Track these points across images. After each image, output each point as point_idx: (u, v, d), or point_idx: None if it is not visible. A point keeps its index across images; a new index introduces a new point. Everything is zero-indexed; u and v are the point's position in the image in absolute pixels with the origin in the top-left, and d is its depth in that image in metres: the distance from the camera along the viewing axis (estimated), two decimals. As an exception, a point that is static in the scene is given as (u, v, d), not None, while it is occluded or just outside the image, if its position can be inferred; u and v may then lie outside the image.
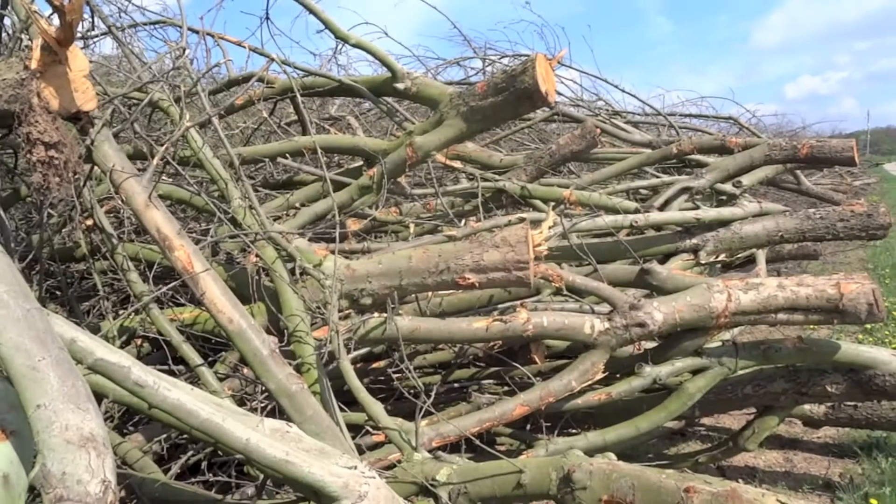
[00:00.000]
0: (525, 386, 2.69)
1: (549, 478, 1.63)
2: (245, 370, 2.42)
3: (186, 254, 1.80)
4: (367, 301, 2.45)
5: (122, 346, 2.61)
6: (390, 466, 1.91)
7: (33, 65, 1.62)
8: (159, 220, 1.81)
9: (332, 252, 2.46)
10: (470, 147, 4.21)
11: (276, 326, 2.43)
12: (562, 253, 3.12)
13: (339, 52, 4.13)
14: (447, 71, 6.76)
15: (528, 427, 2.98)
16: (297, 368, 2.07)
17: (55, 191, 1.60)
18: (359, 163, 3.77)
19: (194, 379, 2.28)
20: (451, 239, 3.03)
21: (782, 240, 3.37)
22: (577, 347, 3.01)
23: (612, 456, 1.69)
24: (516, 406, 2.47)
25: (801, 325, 2.57)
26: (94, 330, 2.58)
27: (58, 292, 3.15)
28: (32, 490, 1.09)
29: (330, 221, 3.22)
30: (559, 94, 6.63)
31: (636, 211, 3.47)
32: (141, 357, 2.73)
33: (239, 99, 3.80)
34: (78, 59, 1.78)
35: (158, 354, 2.53)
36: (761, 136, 6.49)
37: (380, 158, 3.04)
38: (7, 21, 2.45)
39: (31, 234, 3.09)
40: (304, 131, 4.38)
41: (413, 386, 3.12)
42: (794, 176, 6.71)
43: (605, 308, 2.71)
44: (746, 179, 4.33)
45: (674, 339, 2.67)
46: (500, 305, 3.03)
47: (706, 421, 3.68)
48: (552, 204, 3.51)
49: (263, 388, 2.31)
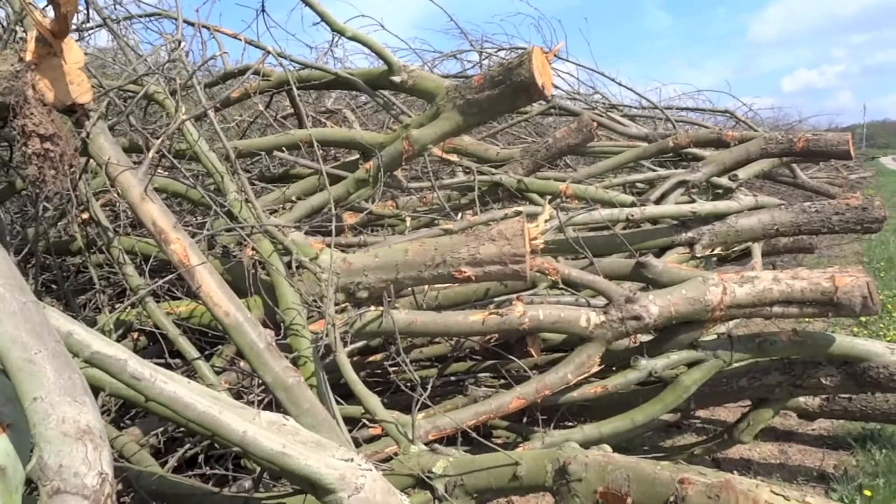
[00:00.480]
0: (521, 379, 2.70)
1: (545, 470, 1.64)
2: (242, 363, 2.42)
3: (182, 247, 1.80)
4: (363, 294, 2.45)
5: (118, 340, 2.61)
6: (387, 459, 1.92)
7: (28, 57, 1.61)
8: (155, 213, 1.81)
9: (329, 245, 2.45)
10: (466, 140, 4.21)
11: (272, 320, 2.44)
12: (558, 246, 3.13)
13: (335, 45, 4.12)
14: (444, 64, 6.74)
15: (525, 420, 2.99)
16: (294, 362, 2.07)
17: (51, 184, 1.59)
18: (355, 156, 3.77)
19: (191, 372, 2.28)
20: (447, 232, 3.03)
21: (778, 233, 3.38)
22: (573, 341, 3.03)
23: (607, 448, 1.70)
24: (513, 399, 2.48)
25: (797, 318, 2.58)
26: (91, 323, 2.58)
27: (54, 286, 3.14)
28: (29, 483, 1.10)
29: (326, 215, 3.23)
30: (556, 87, 6.62)
31: (633, 204, 3.48)
32: (137, 350, 2.73)
33: (235, 92, 3.79)
34: (73, 52, 1.78)
35: (155, 348, 2.53)
36: (757, 130, 6.51)
37: (376, 152, 3.04)
38: (1, 13, 2.44)
39: (27, 228, 3.08)
40: (301, 124, 4.37)
41: (409, 379, 3.13)
42: (791, 169, 6.71)
43: (601, 301, 2.72)
44: (742, 173, 4.34)
45: (669, 332, 2.68)
46: (497, 299, 3.03)
47: (701, 413, 3.69)
48: (548, 197, 3.51)
49: (260, 382, 2.31)
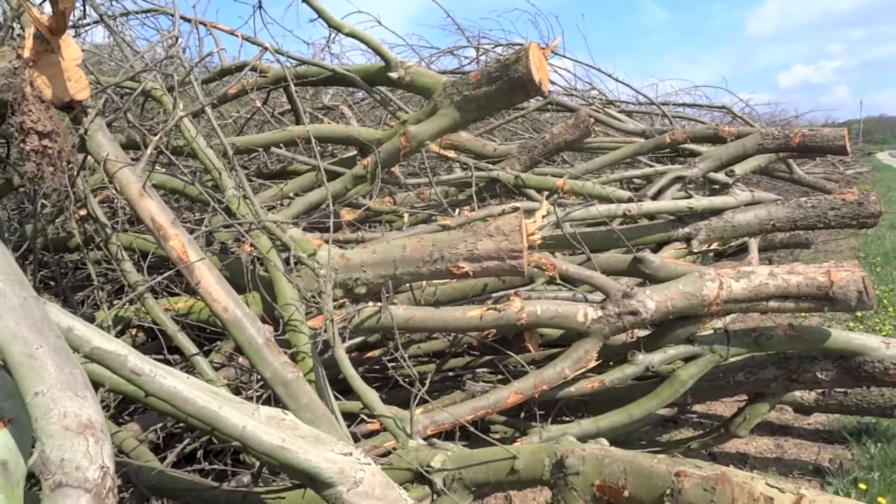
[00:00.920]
0: (519, 374, 2.71)
1: (543, 463, 1.65)
2: (240, 359, 2.42)
3: (181, 243, 1.80)
4: (361, 290, 2.46)
5: (117, 336, 2.61)
6: (385, 454, 1.93)
7: (26, 54, 1.62)
8: (153, 209, 1.81)
9: (327, 241, 2.46)
10: (464, 136, 4.21)
11: (270, 316, 2.44)
12: (555, 242, 3.14)
13: (332, 42, 4.12)
14: (440, 60, 6.76)
15: (522, 415, 3.01)
16: (293, 357, 2.08)
17: (49, 180, 1.60)
18: (352, 153, 3.77)
19: (190, 368, 2.29)
20: (445, 228, 3.03)
21: (774, 228, 3.39)
22: (571, 336, 3.04)
23: (604, 442, 1.71)
24: (510, 394, 2.49)
25: (792, 312, 2.59)
26: (89, 320, 2.58)
27: (52, 282, 3.14)
28: (31, 477, 1.10)
29: (324, 211, 3.23)
30: (553, 83, 6.62)
31: (629, 200, 3.49)
32: (136, 347, 2.73)
33: (232, 88, 3.78)
34: (70, 48, 1.78)
35: (153, 344, 2.53)
36: (754, 125, 6.51)
37: (374, 148, 3.04)
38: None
39: (25, 225, 3.08)
40: (298, 121, 4.37)
41: (407, 375, 3.14)
42: (787, 165, 6.73)
43: (599, 297, 2.73)
44: (739, 168, 4.36)
45: (666, 327, 2.70)
46: (494, 294, 3.04)
47: (698, 408, 3.71)
48: (546, 193, 3.51)
49: (259, 377, 2.32)
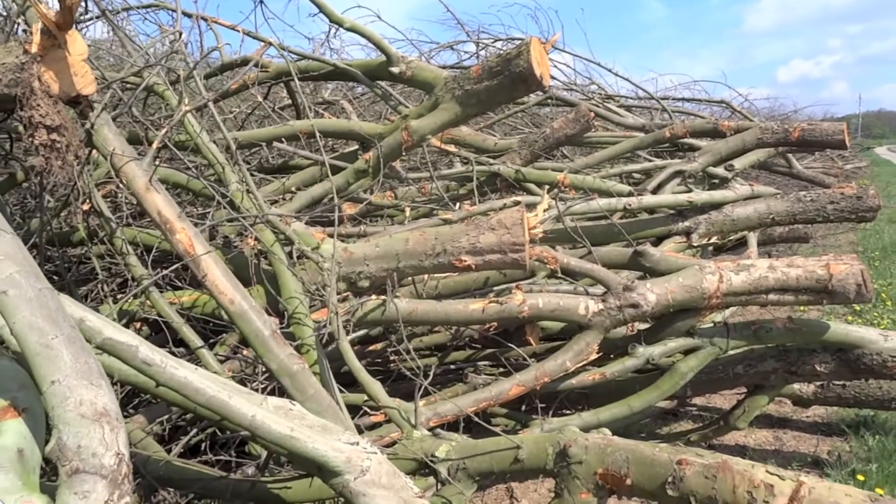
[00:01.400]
0: (520, 367, 2.73)
1: (546, 453, 1.67)
2: (245, 352, 2.45)
3: (188, 236, 1.82)
4: (364, 283, 2.48)
5: (121, 330, 2.63)
6: (390, 444, 1.95)
7: (34, 49, 1.63)
8: (160, 203, 1.83)
9: (330, 235, 2.48)
10: (464, 131, 4.22)
11: (274, 309, 2.46)
12: (556, 235, 3.16)
13: (332, 37, 4.13)
14: (440, 55, 6.75)
15: (523, 408, 3.03)
16: (297, 350, 2.10)
17: (57, 174, 1.61)
18: (352, 147, 3.79)
19: (195, 361, 2.31)
20: (446, 222, 3.06)
21: (773, 222, 3.41)
22: (571, 329, 3.06)
23: (606, 431, 1.73)
24: (512, 386, 2.51)
25: (792, 305, 2.61)
26: (94, 313, 2.59)
27: (56, 277, 3.16)
28: (47, 464, 1.13)
29: (326, 205, 3.25)
30: (553, 78, 6.63)
31: (630, 194, 3.51)
32: (140, 340, 2.75)
33: (234, 83, 3.80)
34: (77, 43, 1.79)
35: (158, 337, 2.55)
36: (753, 120, 6.53)
37: (376, 142, 3.06)
38: (3, 4, 2.45)
39: (28, 219, 3.10)
40: (298, 115, 4.39)
41: (410, 368, 3.17)
42: (786, 159, 6.75)
43: (599, 290, 2.76)
44: (738, 163, 4.37)
45: (666, 320, 2.72)
46: (496, 288, 3.06)
47: (697, 401, 3.74)
48: (547, 187, 3.53)
49: (264, 370, 2.34)
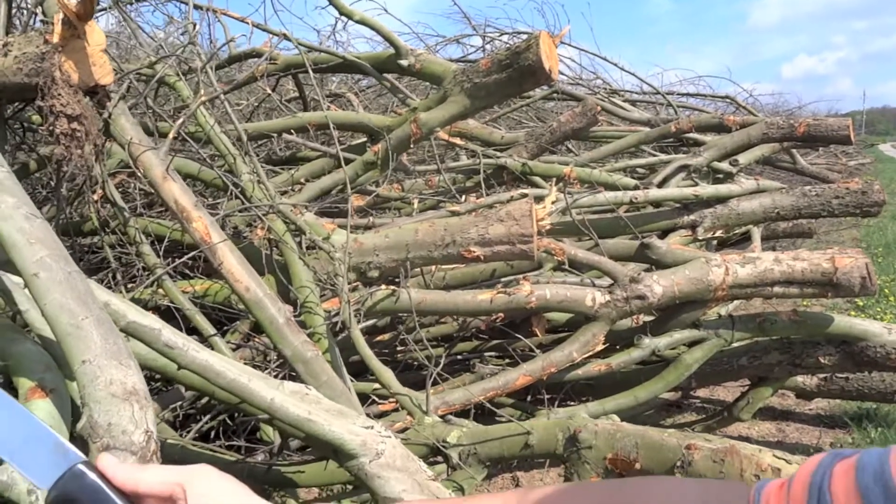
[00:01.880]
0: (526, 358, 2.76)
1: (556, 438, 1.70)
2: (256, 340, 2.48)
3: (204, 225, 1.85)
4: (374, 274, 2.51)
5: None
6: (402, 430, 1.98)
7: (55, 39, 1.66)
8: (177, 192, 1.86)
9: (342, 226, 2.51)
10: (471, 124, 4.25)
11: (285, 298, 2.49)
12: (563, 228, 3.18)
13: (339, 29, 4.15)
14: (446, 49, 6.79)
15: (529, 400, 3.06)
16: (309, 338, 2.13)
17: (77, 163, 1.64)
18: (358, 140, 3.81)
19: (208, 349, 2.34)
20: (454, 214, 3.08)
21: (778, 216, 3.43)
22: (577, 321, 3.09)
23: (615, 417, 1.77)
24: (519, 376, 2.54)
25: (797, 298, 2.64)
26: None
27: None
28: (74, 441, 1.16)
29: (335, 197, 3.28)
30: (559, 72, 6.63)
31: (636, 188, 3.53)
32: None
33: (243, 75, 3.82)
34: (95, 34, 1.82)
35: (170, 325, 2.58)
36: (758, 116, 6.54)
37: (385, 134, 3.08)
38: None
39: (41, 209, 3.12)
40: (305, 108, 4.41)
41: (416, 358, 3.20)
42: (790, 155, 6.76)
43: (605, 282, 2.78)
44: (743, 158, 4.39)
45: (672, 312, 2.75)
46: (503, 280, 3.09)
47: (701, 393, 3.77)
48: (554, 180, 3.56)
49: (276, 358, 2.38)
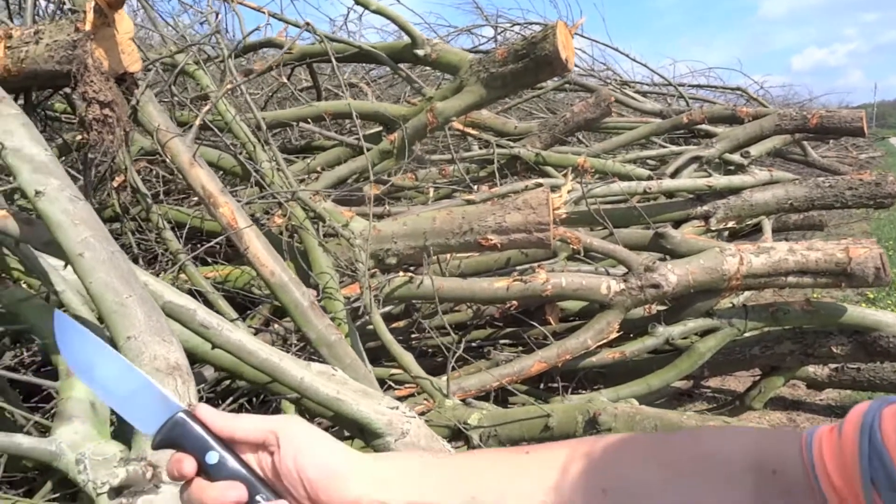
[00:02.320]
0: (539, 346, 2.80)
1: (576, 420, 1.74)
2: (277, 325, 2.52)
3: (231, 210, 1.89)
4: (392, 261, 2.55)
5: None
6: (423, 413, 2.02)
7: (87, 27, 1.69)
8: (204, 178, 1.89)
9: (362, 214, 2.54)
10: (485, 114, 4.27)
11: (305, 285, 2.53)
12: (577, 217, 3.21)
13: (353, 19, 4.18)
14: (458, 39, 6.77)
15: (542, 387, 3.10)
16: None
17: (108, 148, 1.68)
18: (373, 129, 3.84)
19: (229, 333, 2.38)
20: (469, 203, 3.11)
21: (791, 207, 3.45)
22: (590, 310, 3.13)
23: (634, 401, 1.80)
24: (535, 362, 2.58)
25: (810, 287, 2.67)
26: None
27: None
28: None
29: (350, 186, 3.32)
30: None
31: (649, 178, 3.55)
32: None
33: (258, 64, 3.86)
34: (124, 22, 1.85)
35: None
36: (769, 107, 6.53)
37: (401, 124, 3.11)
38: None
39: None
40: (318, 97, 4.44)
41: (432, 345, 3.24)
42: (802, 147, 6.74)
43: (619, 272, 2.81)
44: (754, 150, 4.40)
45: (685, 302, 2.78)
46: (518, 268, 3.12)
47: (712, 383, 3.80)
48: (569, 169, 3.58)
49: (296, 342, 2.42)
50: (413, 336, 3.34)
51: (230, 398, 2.51)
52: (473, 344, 3.36)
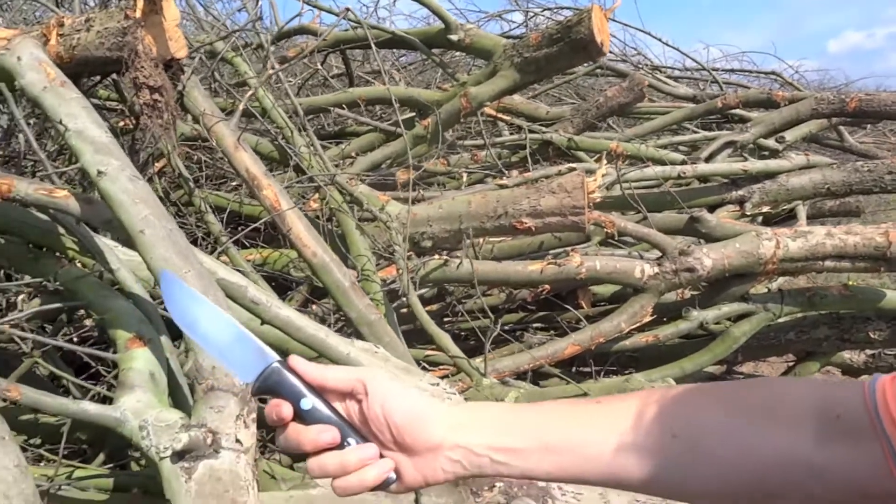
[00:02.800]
0: (572, 331, 2.82)
1: (612, 400, 1.76)
2: (315, 306, 2.58)
3: (274, 192, 1.94)
4: (427, 244, 2.59)
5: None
6: (461, 391, 2.06)
7: (138, 14, 1.74)
8: (248, 161, 1.94)
9: (402, 199, 2.59)
10: (517, 100, 4.27)
11: (341, 267, 2.58)
12: (611, 202, 3.21)
13: (385, 5, 4.20)
14: (487, 25, 6.75)
15: (574, 371, 3.12)
16: (368, 303, 2.21)
17: (158, 132, 1.73)
18: (406, 115, 3.87)
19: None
20: (502, 188, 3.13)
21: (828, 192, 3.41)
22: (621, 295, 3.14)
23: (671, 380, 1.81)
24: (568, 345, 2.60)
25: (848, 272, 2.64)
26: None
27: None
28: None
29: (383, 171, 3.36)
30: (601, 48, 6.57)
31: (682, 163, 3.53)
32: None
33: (292, 51, 3.91)
34: (171, 9, 1.90)
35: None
36: (805, 91, 6.41)
37: (434, 109, 3.13)
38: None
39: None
40: (351, 83, 4.48)
41: (464, 328, 3.28)
42: (838, 132, 6.61)
43: (653, 256, 2.82)
44: (790, 135, 4.34)
45: (720, 286, 2.77)
46: (551, 252, 3.14)
47: (745, 368, 3.78)
48: (603, 154, 3.57)
49: (334, 322, 2.47)
50: (446, 320, 3.38)
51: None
52: (506, 328, 3.39)
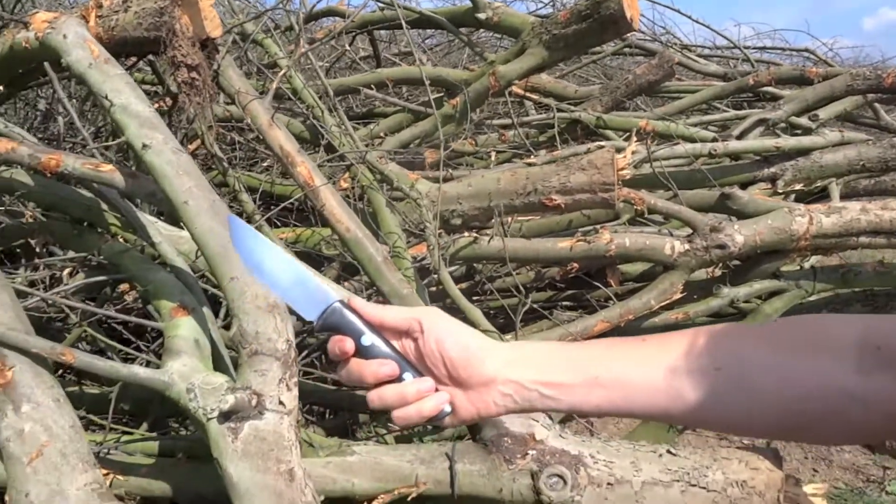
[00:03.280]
0: (600, 308, 2.82)
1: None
2: (347, 283, 2.62)
3: (307, 169, 1.97)
4: (457, 221, 2.60)
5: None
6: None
7: (175, -7, 1.78)
8: (282, 138, 1.98)
9: (425, 177, 2.60)
10: (545, 79, 4.25)
11: (372, 245, 2.62)
12: (641, 179, 3.20)
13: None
14: (514, 4, 6.71)
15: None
16: (400, 279, 2.24)
17: (196, 110, 1.77)
18: (433, 96, 3.88)
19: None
20: (530, 166, 3.13)
21: (864, 168, 3.36)
22: (650, 274, 3.13)
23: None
24: (598, 322, 2.61)
25: (883, 248, 2.61)
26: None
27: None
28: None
29: (410, 150, 3.38)
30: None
31: (713, 140, 3.49)
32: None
33: (320, 33, 3.93)
34: (206, -11, 1.93)
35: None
36: (839, 68, 6.27)
37: (463, 88, 3.14)
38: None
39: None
40: (378, 64, 4.49)
41: (494, 307, 3.30)
42: (874, 110, 6.46)
43: (683, 234, 2.80)
44: (823, 113, 4.25)
45: (751, 263, 2.76)
46: (580, 230, 3.14)
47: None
48: (633, 131, 3.55)
49: (366, 297, 2.51)
50: (475, 298, 3.40)
51: (304, 352, 2.64)
52: (535, 306, 3.40)
